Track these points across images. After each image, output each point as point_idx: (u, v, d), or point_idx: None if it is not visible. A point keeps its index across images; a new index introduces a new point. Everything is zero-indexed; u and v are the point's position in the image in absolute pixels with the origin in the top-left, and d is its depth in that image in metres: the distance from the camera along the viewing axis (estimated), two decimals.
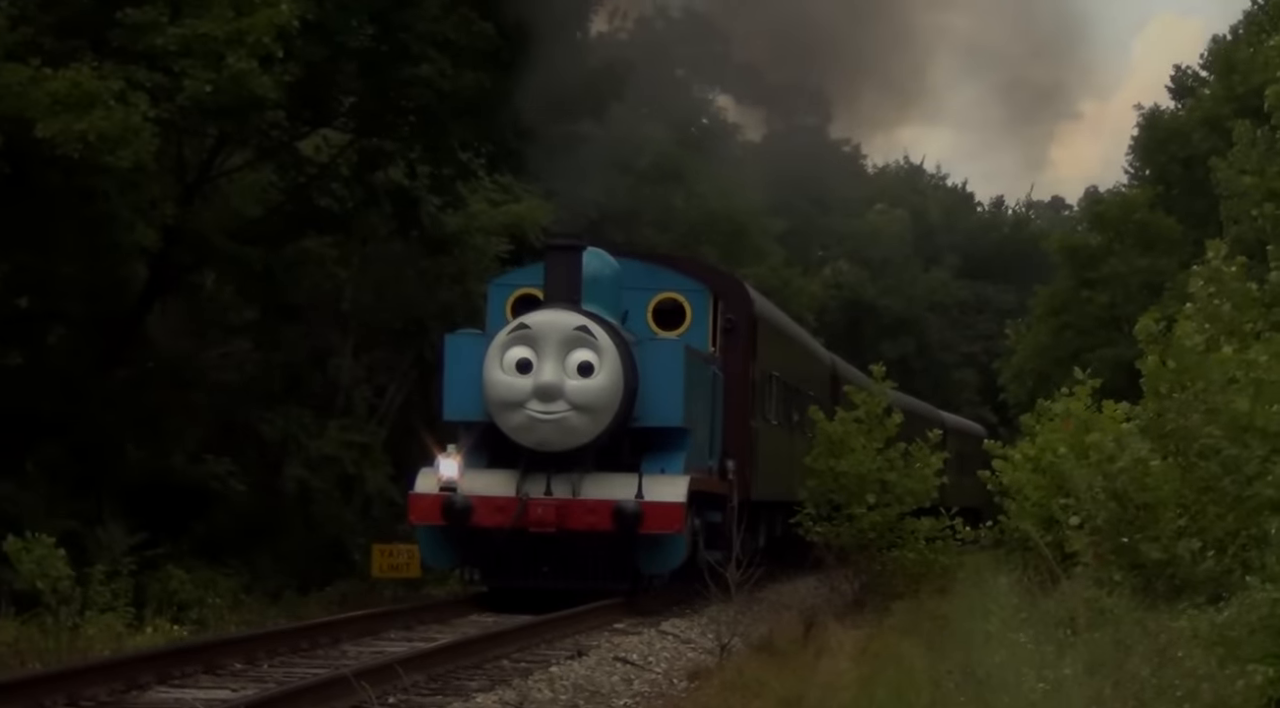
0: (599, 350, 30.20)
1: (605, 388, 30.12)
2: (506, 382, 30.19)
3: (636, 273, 33.68)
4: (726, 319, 35.22)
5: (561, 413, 29.96)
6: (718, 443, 34.75)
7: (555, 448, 30.13)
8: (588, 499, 29.70)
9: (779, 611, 31.82)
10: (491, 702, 17.27)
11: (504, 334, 30.66)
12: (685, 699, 19.81)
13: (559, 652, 22.58)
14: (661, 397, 30.97)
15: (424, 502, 30.22)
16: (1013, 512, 31.99)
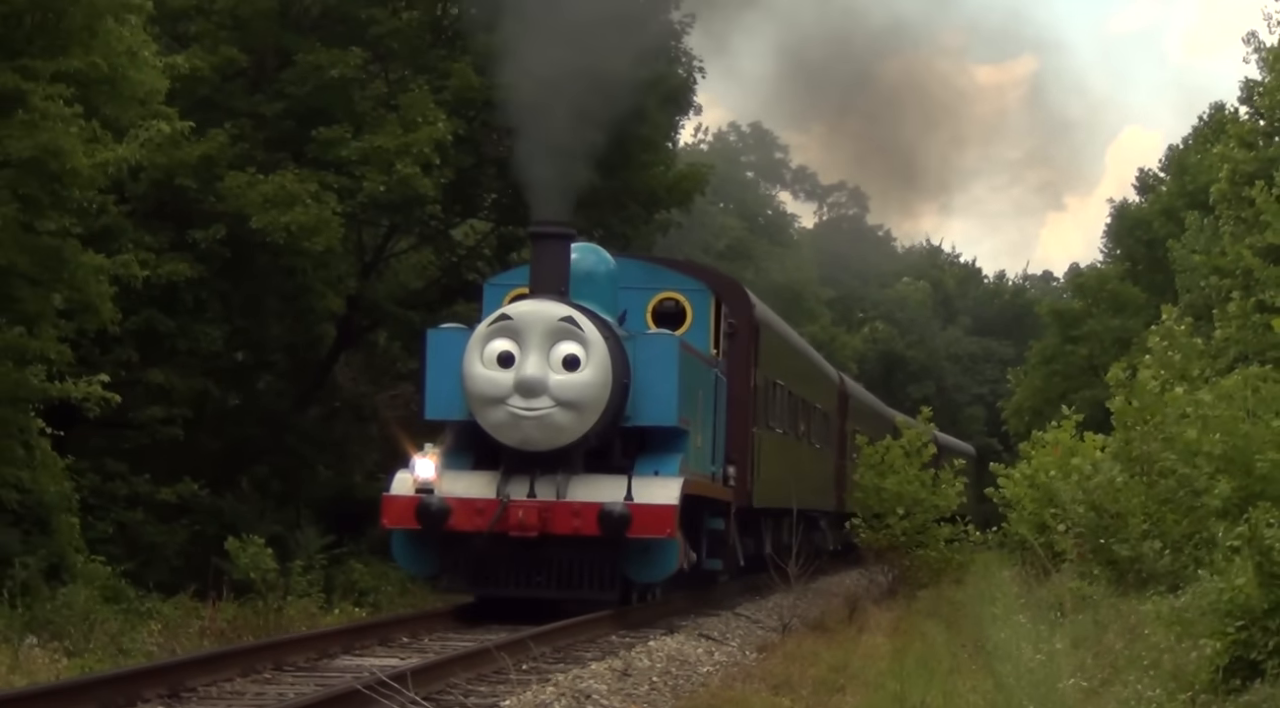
0: (586, 343, 22.62)
1: (592, 383, 22.56)
2: (486, 376, 22.67)
3: (635, 272, 26.14)
4: (729, 323, 27.56)
5: (545, 409, 22.51)
6: (720, 448, 27.12)
7: (539, 447, 22.62)
8: (573, 502, 22.29)
9: (828, 597, 31.43)
10: (603, 669, 17.22)
11: (485, 326, 23.07)
12: (755, 667, 19.74)
13: (656, 629, 22.50)
14: (655, 394, 23.46)
15: (398, 504, 22.62)
16: (1013, 519, 32.18)
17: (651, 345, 23.65)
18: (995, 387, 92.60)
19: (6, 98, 22.42)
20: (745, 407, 28.55)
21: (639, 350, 23.38)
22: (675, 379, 23.33)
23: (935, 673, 16.91)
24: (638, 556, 22.52)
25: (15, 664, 17.49)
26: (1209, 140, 52.06)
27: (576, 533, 22.07)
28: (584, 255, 24.09)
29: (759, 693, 16.53)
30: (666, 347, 23.67)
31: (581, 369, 22.40)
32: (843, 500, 41.16)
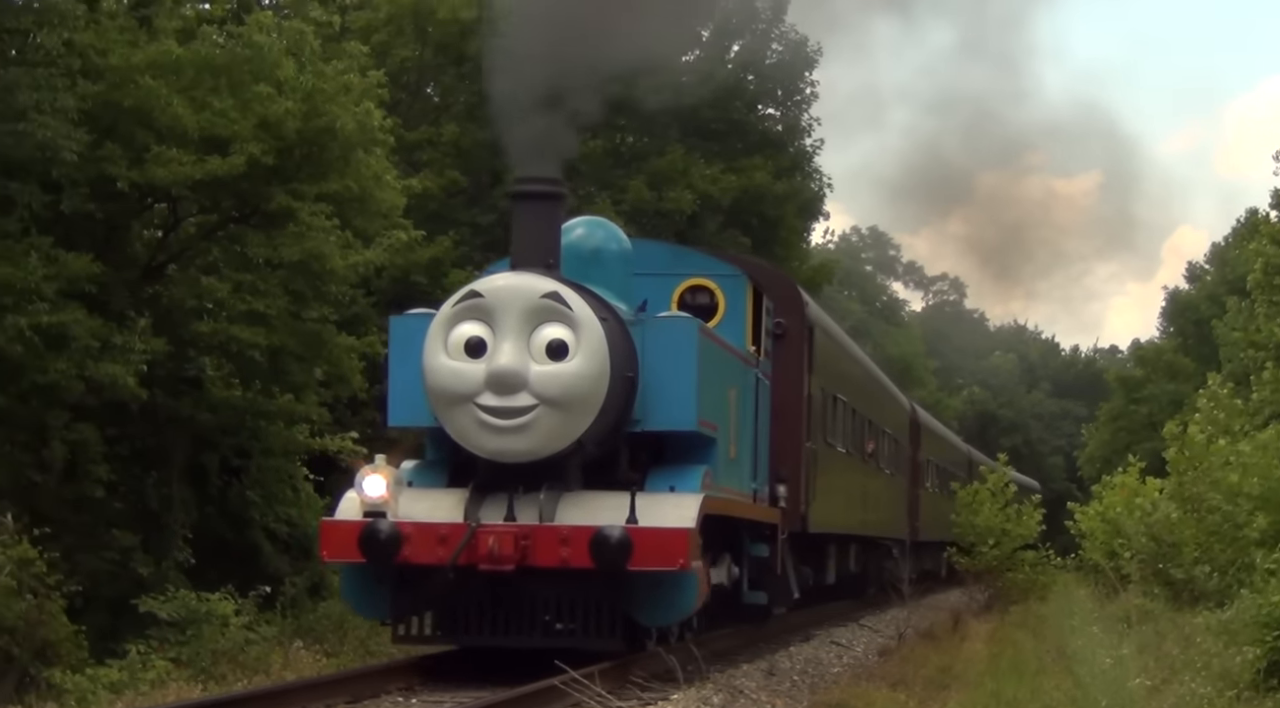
0: (575, 326, 14.47)
1: (584, 375, 14.39)
2: (451, 368, 14.44)
3: (658, 256, 18.06)
4: (776, 323, 19.44)
5: (524, 409, 14.32)
6: (763, 462, 18.77)
7: (518, 458, 14.43)
8: (560, 526, 14.25)
9: (935, 611, 31.22)
10: (752, 669, 17.18)
11: (449, 306, 14.73)
12: (876, 668, 19.61)
13: (794, 637, 22.38)
14: (669, 391, 15.24)
15: (339, 532, 14.44)
16: (1087, 547, 32.15)
17: (664, 331, 15.12)
18: (1072, 439, 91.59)
19: (281, 214, 22.87)
20: (796, 417, 19.97)
21: (649, 337, 15.02)
22: (694, 372, 14.97)
23: (1025, 674, 16.77)
24: (644, 593, 14.15)
25: (286, 663, 17.74)
26: (1246, 238, 51.55)
27: (564, 565, 13.80)
28: (590, 231, 16.16)
29: (880, 690, 16.42)
30: (683, 332, 15.16)
31: (570, 358, 14.11)
32: (916, 529, 35.04)
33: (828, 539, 23.84)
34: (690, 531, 13.78)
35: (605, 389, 14.24)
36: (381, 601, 14.53)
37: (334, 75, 23.77)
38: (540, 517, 13.95)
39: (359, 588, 14.60)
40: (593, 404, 14.21)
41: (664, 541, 13.65)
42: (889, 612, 28.04)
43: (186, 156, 21.82)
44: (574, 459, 14.39)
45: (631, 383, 14.76)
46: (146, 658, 18.37)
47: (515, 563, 13.70)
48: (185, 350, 23.13)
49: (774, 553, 18.31)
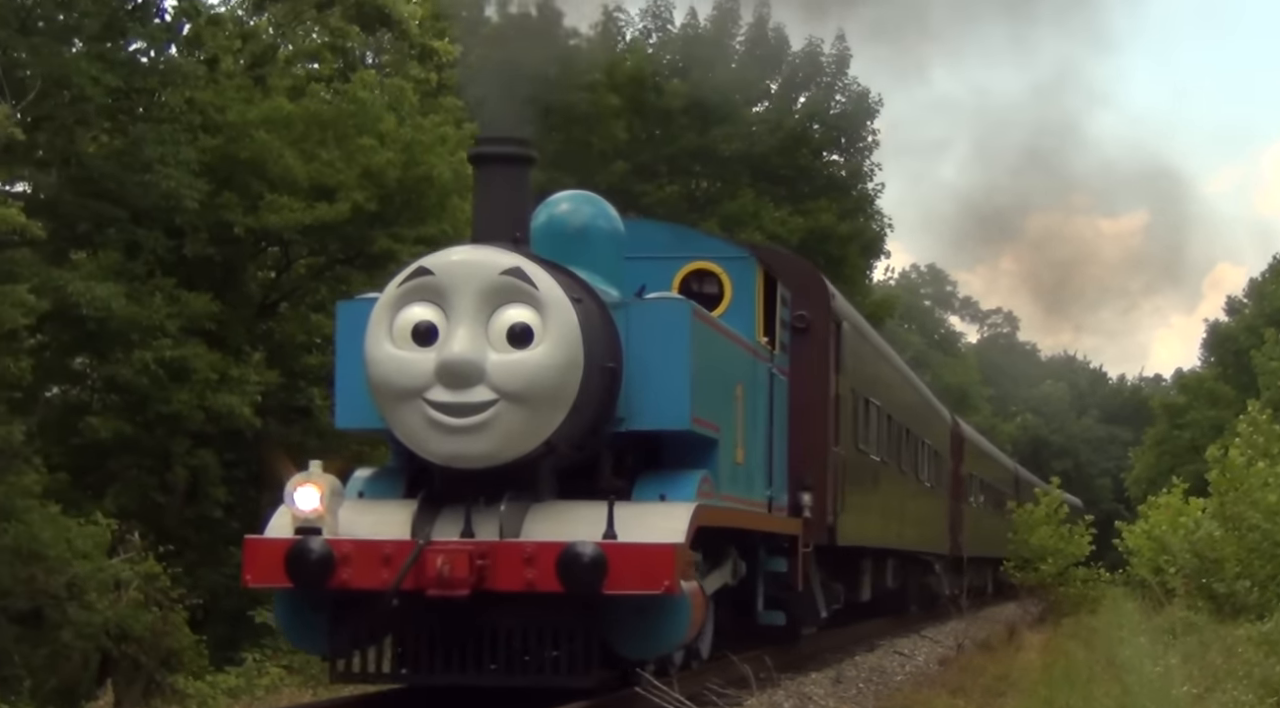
0: (541, 307, 11.13)
1: (552, 364, 11.05)
2: (396, 359, 11.11)
3: (657, 237, 14.81)
4: (798, 315, 16.25)
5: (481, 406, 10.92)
6: (781, 468, 15.43)
7: (476, 463, 11.08)
8: (525, 542, 10.92)
9: (992, 623, 30.97)
10: (820, 677, 17.08)
11: (394, 286, 11.36)
12: (936, 676, 19.47)
13: (859, 648, 22.23)
14: (658, 384, 11.89)
15: (263, 551, 11.13)
16: (1135, 564, 31.96)
17: (652, 314, 11.75)
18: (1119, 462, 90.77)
19: (383, 255, 23.04)
20: (821, 419, 16.68)
21: (635, 322, 11.68)
22: (687, 362, 11.59)
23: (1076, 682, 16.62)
24: (625, 620, 10.84)
25: None
26: None
27: (530, 589, 10.55)
28: (576, 206, 12.87)
29: (940, 696, 16.30)
30: (674, 315, 11.78)
31: (535, 344, 10.84)
32: (959, 544, 31.55)
33: (861, 554, 20.25)
34: (678, 547, 10.34)
35: (579, 381, 10.76)
36: (319, 631, 10.98)
37: (431, 128, 24.00)
38: (501, 532, 10.51)
39: (293, 615, 11.09)
40: (563, 399, 10.72)
41: (646, 558, 10.29)
42: (948, 624, 27.87)
43: (297, 204, 22.10)
44: (544, 465, 10.95)
45: (613, 375, 11.16)
46: (261, 665, 18.50)
47: (471, 587, 10.25)
48: (296, 382, 23.36)
49: (794, 568, 14.99)
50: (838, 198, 39.02)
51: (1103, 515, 66.88)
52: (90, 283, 20.42)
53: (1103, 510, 74.31)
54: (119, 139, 22.26)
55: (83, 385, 23.37)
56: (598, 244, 12.43)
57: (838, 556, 18.29)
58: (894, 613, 25.69)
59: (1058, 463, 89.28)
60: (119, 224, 21.71)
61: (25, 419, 20.00)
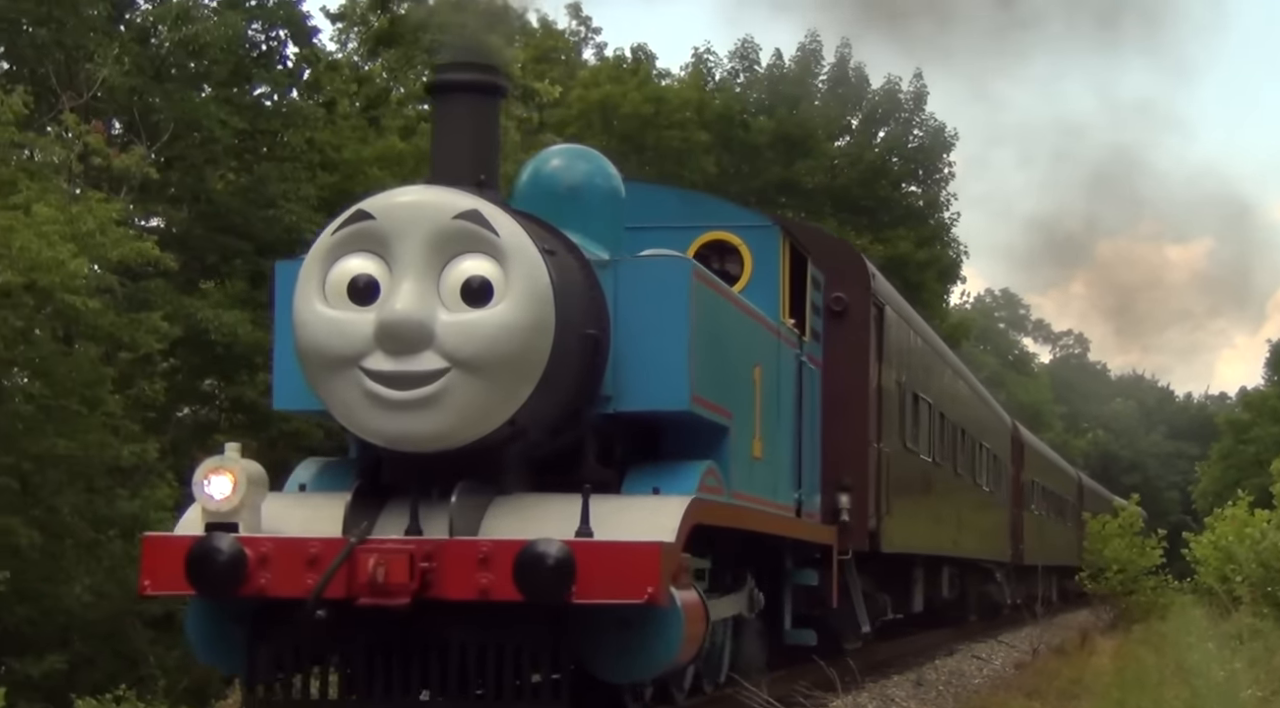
0: (503, 258, 7.88)
1: (515, 326, 7.85)
2: (328, 320, 7.92)
3: (666, 204, 11.74)
4: (835, 298, 13.52)
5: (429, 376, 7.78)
6: (812, 467, 12.53)
7: (425, 446, 7.91)
8: (479, 541, 7.67)
9: (1065, 629, 30.64)
10: (902, 681, 16.96)
11: (328, 234, 8.08)
12: (1013, 679, 19.28)
13: (939, 652, 22.00)
14: (650, 356, 8.65)
15: (163, 551, 7.80)
16: (1202, 573, 31.58)
17: (645, 274, 9.02)
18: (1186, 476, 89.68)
19: None
20: (861, 412, 13.74)
21: (624, 283, 8.93)
22: (686, 330, 8.87)
23: (1147, 685, 16.41)
24: (603, 636, 7.95)
25: None
26: None
27: (485, 597, 7.70)
28: (570, 162, 9.86)
29: (1016, 698, 16.14)
30: (670, 274, 9.00)
31: (495, 302, 8.02)
32: (1020, 552, 28.74)
33: (912, 561, 17.58)
34: (664, 546, 7.62)
35: (548, 348, 8.02)
36: (235, 647, 8.09)
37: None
38: (451, 529, 7.80)
39: (207, 627, 8.18)
40: (529, 369, 7.98)
41: (623, 560, 7.54)
42: (1023, 629, 27.59)
43: None
44: (510, 451, 8.25)
45: (595, 345, 8.49)
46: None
47: (412, 595, 7.59)
48: None
49: (827, 581, 12.24)
50: (915, 226, 39.06)
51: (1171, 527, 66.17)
52: (218, 310, 20.69)
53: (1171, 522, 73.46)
54: (244, 177, 22.58)
55: (211, 405, 23.66)
56: (593, 206, 9.43)
57: (885, 564, 15.51)
58: (953, 624, 22.96)
59: (1127, 477, 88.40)
60: (244, 256, 22.00)
61: (159, 437, 20.28)
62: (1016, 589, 29.56)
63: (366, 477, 8.31)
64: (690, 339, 8.76)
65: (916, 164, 39.96)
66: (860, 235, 37.06)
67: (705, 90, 38.36)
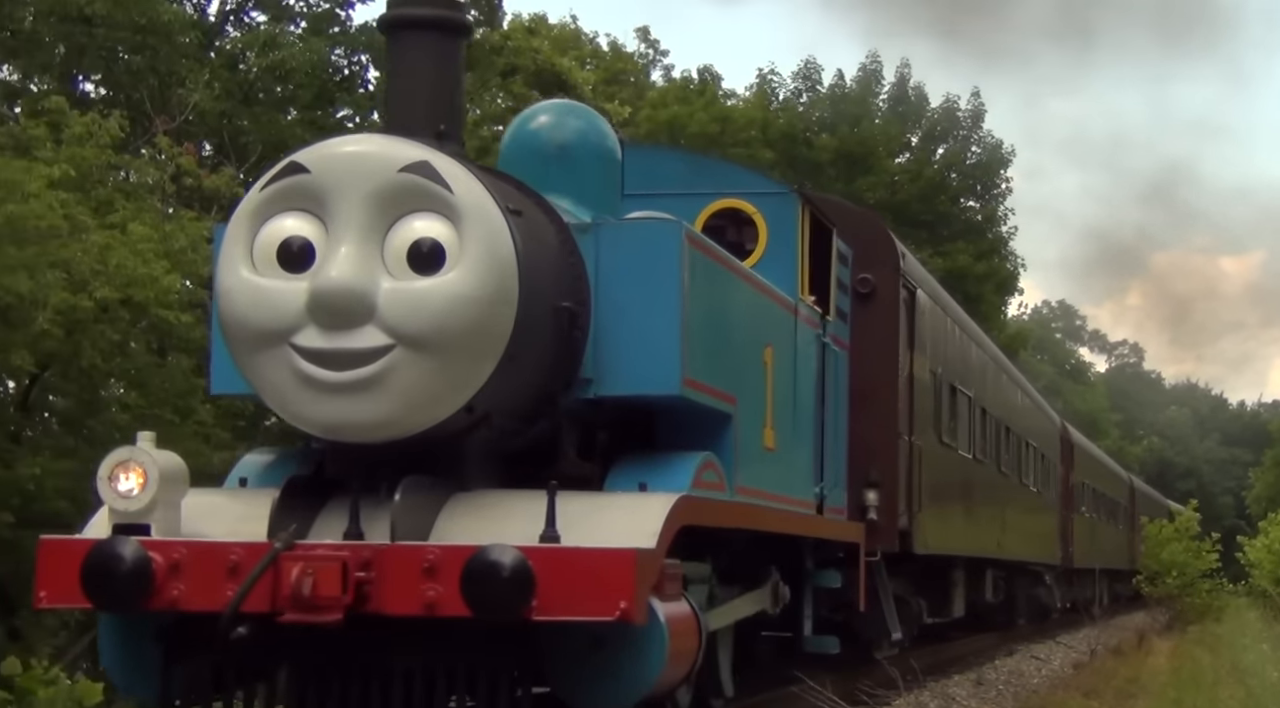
0: (458, 217, 6.25)
1: (471, 297, 6.23)
2: (255, 289, 6.31)
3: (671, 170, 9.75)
4: (861, 279, 11.69)
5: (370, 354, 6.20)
6: (838, 461, 10.70)
7: (366, 436, 6.35)
8: (422, 547, 5.98)
9: (1122, 630, 30.36)
10: (963, 680, 16.85)
11: (257, 190, 6.44)
12: (1071, 679, 19.12)
13: (999, 653, 21.80)
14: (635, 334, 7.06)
15: (59, 556, 6.10)
16: (1256, 575, 31.20)
17: (629, 238, 7.33)
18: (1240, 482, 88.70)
19: None
20: (890, 402, 12.19)
21: (606, 249, 7.27)
22: (678, 303, 7.21)
23: (1203, 685, 16.23)
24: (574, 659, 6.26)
25: None
26: None
27: (431, 613, 5.97)
28: (559, 119, 8.16)
29: (1074, 697, 16.00)
30: (660, 239, 7.32)
31: (447, 269, 6.33)
32: (1069, 555, 27.01)
33: (952, 563, 16.03)
34: (640, 554, 6.12)
35: (512, 322, 6.55)
36: (149, 670, 6.58)
37: None
38: (394, 531, 6.27)
39: (120, 648, 6.73)
40: (488, 346, 6.52)
41: (592, 570, 6.05)
42: (1081, 631, 27.35)
43: None
44: (473, 441, 6.76)
45: (570, 319, 7.01)
46: None
47: (345, 610, 6.05)
48: None
49: (853, 583, 10.80)
50: (974, 240, 39.03)
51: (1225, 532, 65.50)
52: None
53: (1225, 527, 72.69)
54: None
55: None
56: (585, 168, 7.93)
57: (921, 566, 14.02)
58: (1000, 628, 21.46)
59: (1182, 483, 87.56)
60: None
61: (248, 445, 20.40)
62: (1066, 593, 28.11)
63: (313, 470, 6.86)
64: (683, 313, 7.25)
65: (974, 180, 40.00)
66: (921, 249, 36.94)
67: (769, 109, 38.43)
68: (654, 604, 6.20)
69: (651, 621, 6.19)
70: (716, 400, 7.84)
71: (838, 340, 10.82)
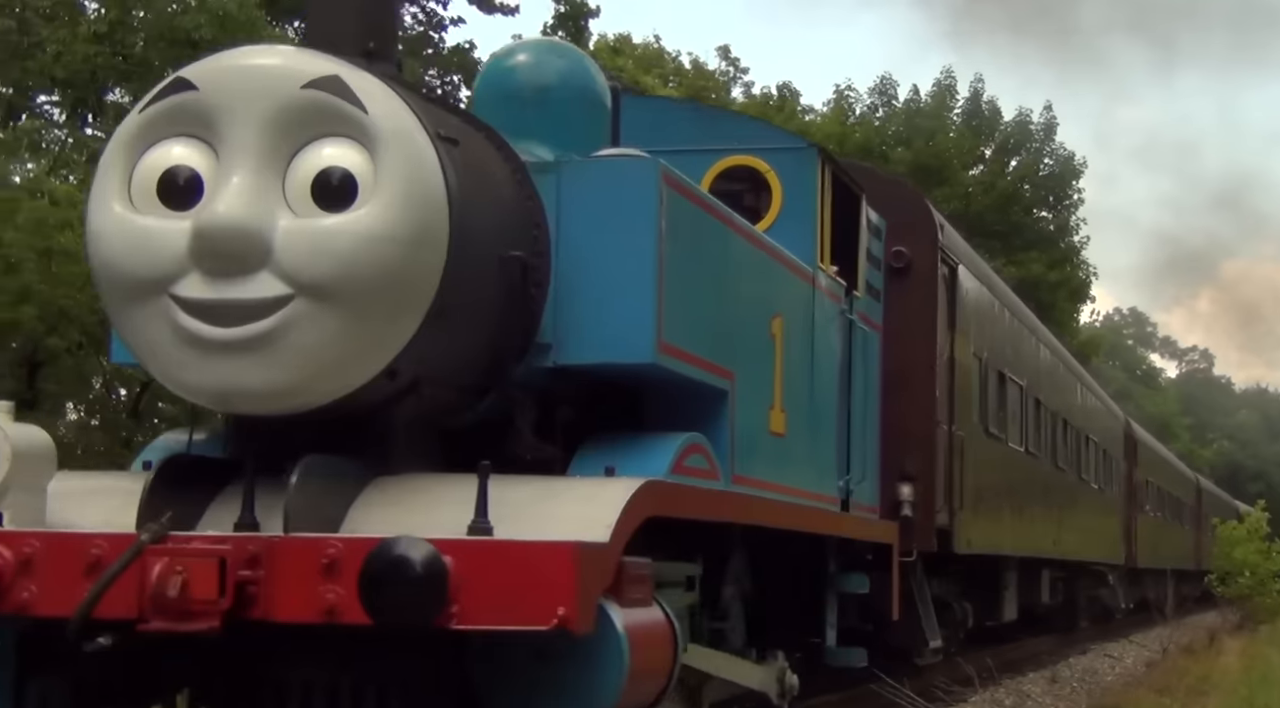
0: (373, 143, 4.78)
1: (389, 237, 4.76)
2: (130, 229, 4.76)
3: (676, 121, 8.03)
4: (895, 251, 10.04)
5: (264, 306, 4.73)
6: (867, 452, 9.09)
7: (261, 407, 4.84)
8: (323, 539, 4.38)
9: (1193, 630, 29.94)
10: (1037, 677, 16.69)
11: (137, 112, 4.88)
12: (1143, 676, 18.89)
13: (1073, 651, 21.53)
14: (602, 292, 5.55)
15: None
16: None
17: (595, 177, 5.79)
18: None
19: None
20: (926, 388, 10.69)
21: (569, 191, 5.75)
22: (652, 255, 5.68)
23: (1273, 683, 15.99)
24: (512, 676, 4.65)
25: None
26: None
27: (332, 621, 4.40)
28: (540, 58, 6.54)
29: (1147, 695, 15.80)
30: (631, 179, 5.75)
31: (359, 204, 4.85)
32: (1133, 555, 25.24)
33: (1003, 564, 14.39)
34: (585, 548, 4.56)
35: (440, 270, 5.17)
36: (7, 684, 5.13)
37: None
38: (288, 521, 4.84)
39: None
40: (410, 299, 5.15)
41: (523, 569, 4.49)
42: (1153, 630, 27.00)
43: None
44: (400, 414, 5.37)
45: (521, 270, 5.60)
46: None
47: (223, 615, 4.54)
48: None
49: (886, 587, 9.09)
50: (1047, 250, 38.94)
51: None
52: None
53: None
54: None
55: None
56: (568, 114, 6.43)
57: (967, 567, 12.48)
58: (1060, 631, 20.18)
59: (1252, 486, 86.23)
60: None
61: None
62: (1130, 594, 26.52)
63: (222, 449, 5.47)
64: (659, 266, 5.80)
65: (1047, 191, 39.86)
66: (994, 258, 36.69)
67: (846, 124, 38.40)
68: (609, 611, 4.70)
69: (605, 630, 4.68)
70: (706, 373, 6.37)
71: (868, 320, 9.34)
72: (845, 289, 8.79)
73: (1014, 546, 14.36)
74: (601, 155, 6.25)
